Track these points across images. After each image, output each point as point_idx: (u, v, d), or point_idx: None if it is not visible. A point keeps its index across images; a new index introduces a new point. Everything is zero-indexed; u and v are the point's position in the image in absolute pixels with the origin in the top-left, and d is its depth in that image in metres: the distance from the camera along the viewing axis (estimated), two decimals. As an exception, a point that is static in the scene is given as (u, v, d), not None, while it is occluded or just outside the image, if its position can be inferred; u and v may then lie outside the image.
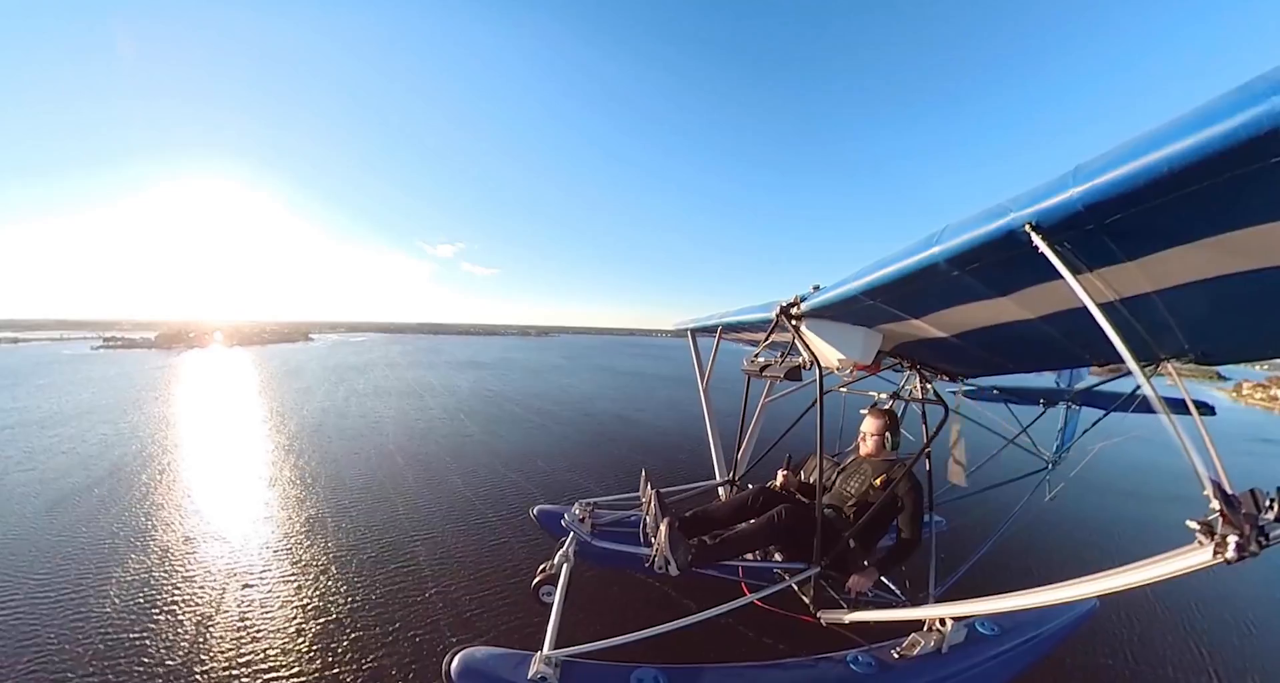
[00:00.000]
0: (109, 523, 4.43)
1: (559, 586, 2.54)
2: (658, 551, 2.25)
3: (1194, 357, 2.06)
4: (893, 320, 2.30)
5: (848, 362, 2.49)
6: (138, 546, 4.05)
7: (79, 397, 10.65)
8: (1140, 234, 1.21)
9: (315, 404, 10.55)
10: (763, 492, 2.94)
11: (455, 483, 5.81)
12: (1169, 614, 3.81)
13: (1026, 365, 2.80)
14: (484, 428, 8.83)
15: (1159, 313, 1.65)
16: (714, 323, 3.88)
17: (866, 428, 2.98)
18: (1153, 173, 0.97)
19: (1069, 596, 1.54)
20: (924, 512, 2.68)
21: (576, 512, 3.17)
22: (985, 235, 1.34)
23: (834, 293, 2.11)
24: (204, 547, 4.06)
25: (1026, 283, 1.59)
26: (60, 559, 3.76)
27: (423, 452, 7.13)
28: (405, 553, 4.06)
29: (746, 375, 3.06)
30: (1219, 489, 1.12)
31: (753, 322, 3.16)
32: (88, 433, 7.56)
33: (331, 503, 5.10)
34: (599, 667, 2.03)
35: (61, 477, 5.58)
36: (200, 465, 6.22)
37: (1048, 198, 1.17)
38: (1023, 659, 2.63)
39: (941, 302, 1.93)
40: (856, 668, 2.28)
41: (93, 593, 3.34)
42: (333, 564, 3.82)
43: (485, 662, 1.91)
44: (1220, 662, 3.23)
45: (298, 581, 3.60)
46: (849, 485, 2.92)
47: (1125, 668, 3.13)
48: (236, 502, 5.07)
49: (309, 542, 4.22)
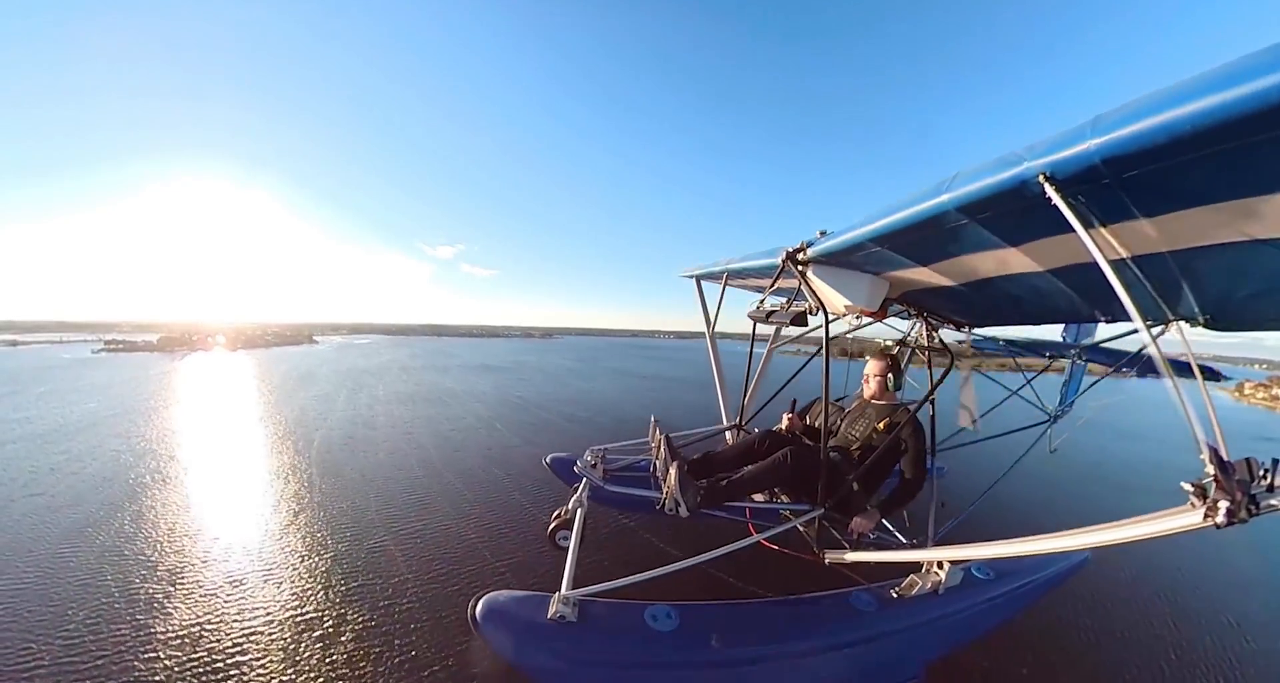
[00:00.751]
0: (138, 563, 3.76)
1: (574, 529, 2.58)
2: (668, 493, 2.30)
3: (1203, 321, 2.03)
4: (900, 267, 2.27)
5: (854, 308, 2.47)
6: (177, 590, 3.41)
7: (84, 406, 9.93)
8: (1158, 191, 1.17)
9: (339, 413, 9.88)
10: (769, 435, 2.98)
11: (518, 501, 5.31)
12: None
13: (1034, 318, 2.77)
14: (524, 438, 8.25)
15: (1171, 273, 1.64)
16: (719, 269, 3.83)
17: (868, 370, 3.02)
18: (1176, 129, 0.93)
19: (1062, 546, 1.58)
20: (926, 456, 2.72)
21: (588, 458, 3.20)
22: (997, 184, 1.30)
23: (841, 238, 2.07)
24: (257, 591, 3.42)
25: (1037, 234, 1.56)
26: (88, 613, 3.11)
27: (471, 466, 6.59)
28: (500, 584, 3.53)
29: (752, 321, 3.07)
30: (1215, 454, 1.13)
31: (758, 267, 3.14)
32: (97, 449, 6.86)
33: (391, 530, 4.49)
34: (614, 604, 2.11)
35: (74, 503, 4.91)
36: (228, 488, 5.51)
37: (1063, 148, 1.13)
38: (1015, 604, 2.73)
39: (950, 250, 1.90)
40: (857, 606, 2.37)
41: (136, 657, 2.76)
42: (417, 611, 3.25)
43: (507, 604, 1.99)
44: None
45: (381, 631, 3.02)
46: (853, 429, 2.95)
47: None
48: (280, 531, 4.39)
49: (376, 578, 3.65)
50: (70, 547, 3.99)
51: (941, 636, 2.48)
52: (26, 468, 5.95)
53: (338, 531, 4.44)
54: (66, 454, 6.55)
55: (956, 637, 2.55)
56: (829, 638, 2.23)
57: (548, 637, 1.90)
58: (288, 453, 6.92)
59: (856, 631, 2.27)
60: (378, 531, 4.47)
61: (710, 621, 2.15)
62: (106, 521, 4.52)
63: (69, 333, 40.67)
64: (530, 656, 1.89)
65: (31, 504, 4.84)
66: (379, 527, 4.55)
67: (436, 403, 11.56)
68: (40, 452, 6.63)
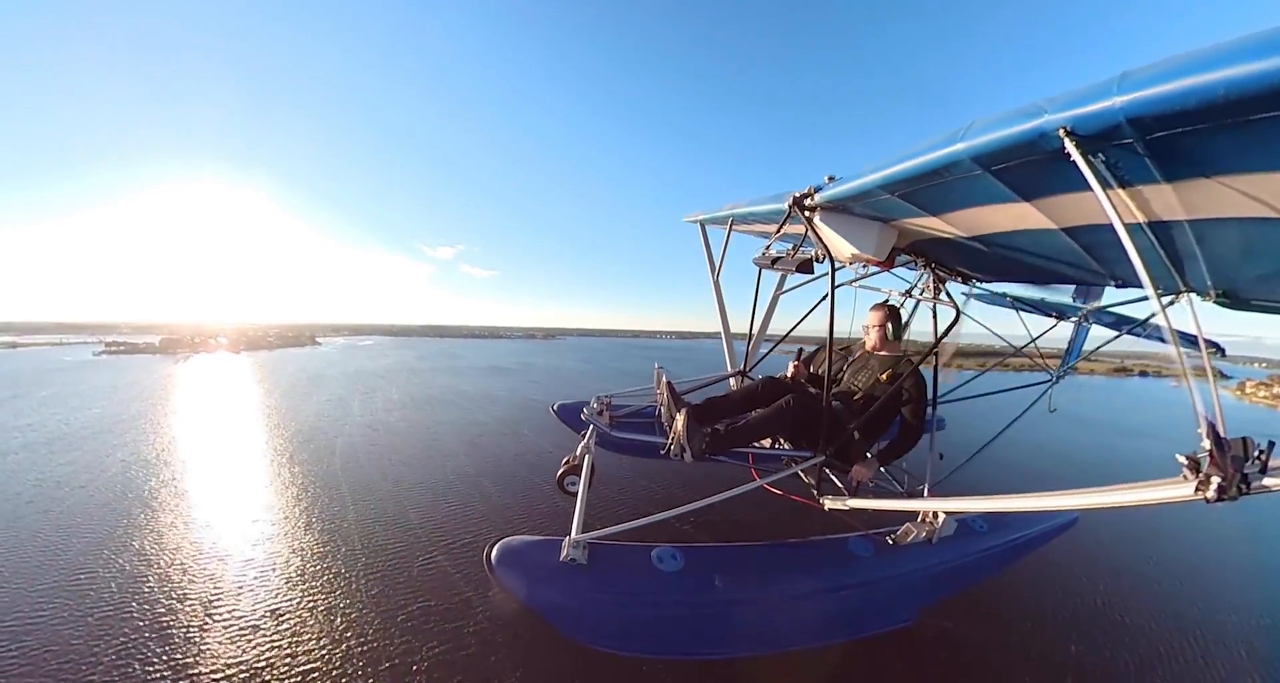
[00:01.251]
0: (165, 591, 3.36)
1: (582, 475, 2.62)
2: (674, 438, 2.33)
3: (1215, 296, 2.00)
4: (910, 216, 2.21)
5: (861, 256, 2.44)
6: (215, 623, 3.05)
7: (88, 411, 9.51)
8: (1183, 157, 1.12)
9: (357, 418, 9.47)
10: (771, 382, 2.99)
11: (567, 510, 4.82)
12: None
13: (1043, 276, 2.73)
14: (554, 443, 7.77)
15: (1188, 243, 1.59)
16: (725, 214, 3.76)
17: (871, 321, 3.03)
18: (1208, 94, 0.88)
19: (1053, 505, 1.60)
20: (926, 408, 2.73)
21: (594, 405, 3.22)
22: (1014, 136, 1.26)
23: (850, 185, 2.03)
24: (304, 624, 3.06)
25: (1053, 191, 1.51)
26: (116, 654, 2.75)
27: (507, 473, 6.17)
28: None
29: (757, 267, 3.04)
30: (1212, 429, 1.12)
31: (765, 213, 3.09)
32: (106, 459, 6.45)
33: (440, 544, 4.15)
34: (622, 547, 2.16)
35: (86, 521, 4.50)
36: (252, 502, 5.09)
37: (1087, 103, 1.07)
38: (1006, 558, 2.83)
39: (962, 201, 1.85)
40: (855, 551, 2.44)
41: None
42: (489, 632, 2.96)
43: (520, 548, 2.04)
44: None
45: (462, 660, 2.71)
46: (857, 379, 2.97)
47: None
48: (318, 552, 3.99)
49: (438, 601, 3.27)
50: (86, 574, 3.60)
51: (935, 582, 2.54)
52: (31, 481, 5.54)
53: (383, 550, 4.05)
54: (73, 465, 6.14)
55: (949, 584, 2.61)
56: (827, 581, 2.29)
57: (559, 579, 1.97)
58: (311, 462, 6.51)
59: (853, 575, 2.33)
60: (425, 546, 4.16)
61: (713, 562, 2.20)
62: (124, 542, 4.11)
63: (69, 334, 40.13)
64: (542, 597, 1.95)
65: (39, 523, 4.43)
66: (426, 542, 4.24)
67: (454, 407, 11.18)
68: (45, 462, 6.22)
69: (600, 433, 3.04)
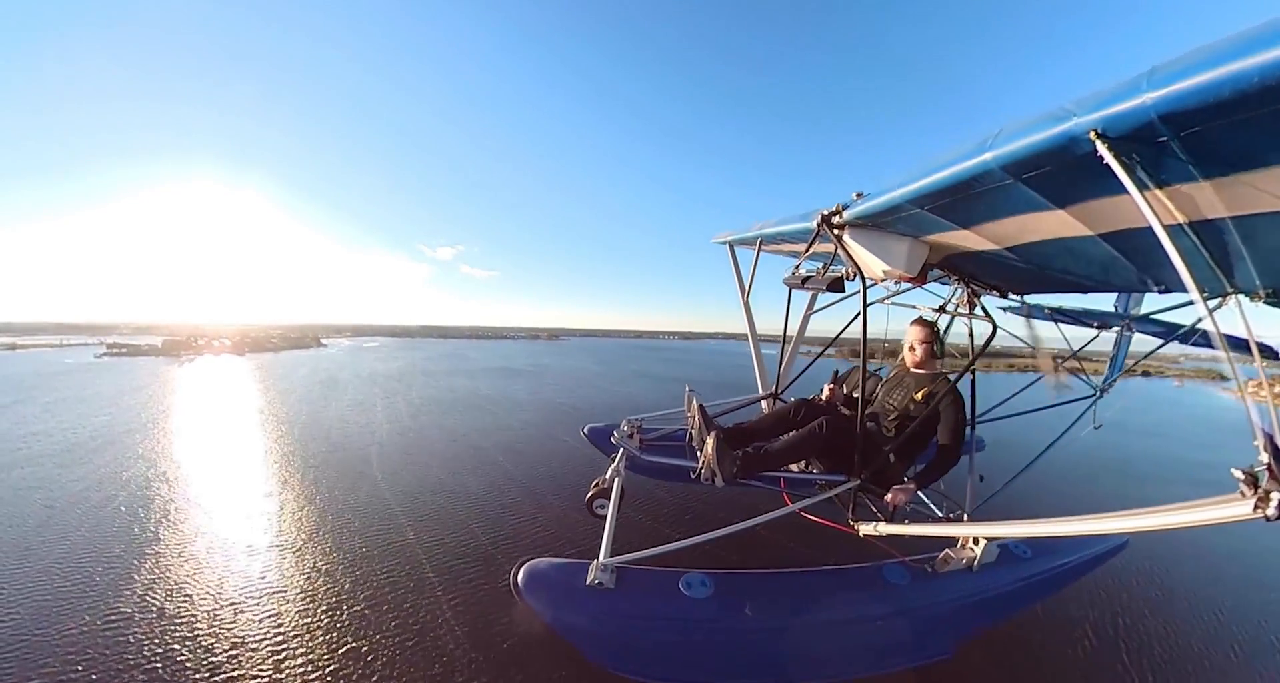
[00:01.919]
0: (221, 637, 2.90)
1: (611, 498, 2.59)
2: (704, 462, 2.30)
3: (1264, 295, 1.92)
4: (940, 230, 2.15)
5: (893, 273, 2.39)
6: (287, 679, 2.52)
7: (96, 418, 8.94)
8: (1221, 151, 1.07)
9: (384, 424, 8.95)
10: (804, 404, 2.92)
11: (643, 523, 4.48)
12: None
13: (1081, 286, 2.66)
14: (597, 452, 7.29)
15: (1233, 242, 1.52)
16: (753, 235, 3.73)
17: (913, 337, 2.91)
18: (1243, 82, 0.83)
19: (1101, 529, 1.51)
20: (964, 428, 2.66)
21: (625, 428, 3.20)
22: (1044, 141, 1.22)
23: (878, 201, 1.99)
24: (389, 668, 2.57)
25: (1087, 196, 1.46)
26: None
27: (564, 483, 5.83)
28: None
29: (788, 287, 3.00)
30: (1270, 441, 1.06)
31: (793, 232, 3.07)
32: (120, 473, 5.88)
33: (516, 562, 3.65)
34: (650, 572, 2.12)
35: (108, 549, 3.95)
36: (297, 523, 4.51)
37: (1117, 103, 1.03)
38: (1052, 585, 2.66)
39: (993, 212, 1.79)
40: (890, 578, 2.34)
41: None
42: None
43: (548, 571, 2.03)
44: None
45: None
46: (891, 398, 2.88)
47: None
48: (385, 582, 3.52)
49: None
50: (120, 616, 3.06)
51: (975, 612, 2.42)
52: (41, 501, 4.98)
53: (460, 579, 3.60)
54: (85, 482, 5.58)
55: (991, 614, 2.48)
56: (860, 610, 2.21)
57: (586, 602, 1.94)
58: (349, 475, 6.00)
59: (888, 603, 2.25)
60: (505, 566, 3.72)
61: (744, 589, 2.14)
62: (159, 576, 3.56)
63: (68, 335, 39.49)
64: (569, 620, 1.93)
65: (54, 553, 3.88)
66: (504, 561, 3.84)
67: (480, 410, 10.70)
68: (54, 479, 5.67)
69: (630, 456, 3.00)
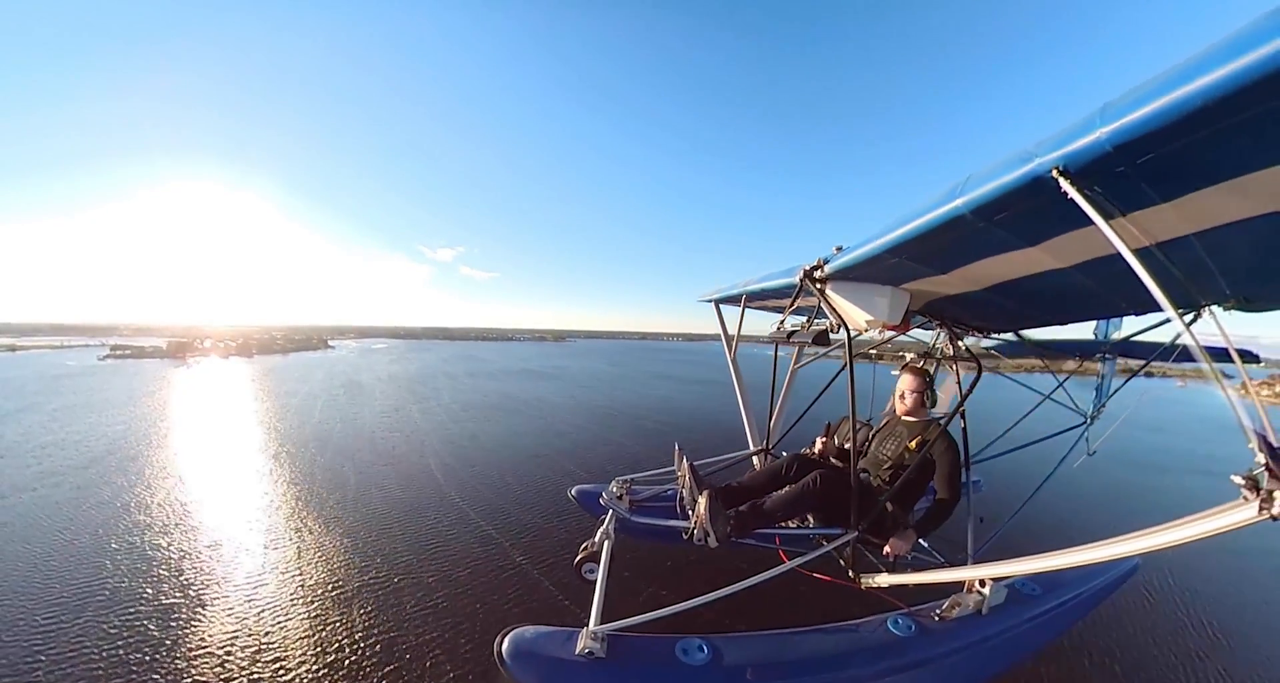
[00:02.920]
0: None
1: (601, 562, 2.55)
2: (697, 523, 2.24)
3: (1236, 303, 1.98)
4: (920, 277, 2.21)
5: (876, 323, 2.41)
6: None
7: (109, 428, 8.12)
8: (1175, 174, 1.13)
9: (430, 432, 8.27)
10: (797, 459, 2.90)
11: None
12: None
13: (1061, 318, 2.68)
14: (663, 452, 6.73)
15: (1198, 256, 1.57)
16: (737, 292, 3.81)
17: (905, 386, 2.90)
18: (1185, 107, 0.89)
19: (1110, 554, 1.50)
20: (961, 471, 2.63)
21: (614, 489, 3.14)
22: (1011, 183, 1.26)
23: (857, 253, 2.02)
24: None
25: (1057, 231, 1.51)
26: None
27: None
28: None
29: (774, 342, 3.03)
30: (1264, 442, 1.07)
31: (776, 288, 3.08)
32: (151, 496, 5.07)
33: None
34: (644, 639, 2.06)
35: (156, 600, 3.16)
36: (382, 557, 3.80)
37: (1074, 140, 1.09)
38: (1065, 619, 2.61)
39: (969, 255, 1.85)
40: (897, 631, 2.28)
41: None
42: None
43: (534, 640, 1.95)
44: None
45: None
46: (884, 448, 2.87)
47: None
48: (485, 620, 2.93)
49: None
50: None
51: (988, 657, 2.35)
52: (61, 531, 4.16)
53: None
54: (110, 507, 4.76)
55: (1005, 658, 2.40)
56: (868, 667, 2.13)
57: (576, 674, 1.86)
58: (420, 493, 5.32)
59: (897, 657, 2.18)
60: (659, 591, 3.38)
61: (744, 653, 2.08)
62: (228, 642, 2.76)
63: (68, 337, 38.66)
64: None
65: (90, 607, 3.07)
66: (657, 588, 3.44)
67: (523, 415, 10.02)
68: (74, 503, 4.85)
69: (620, 518, 2.92)
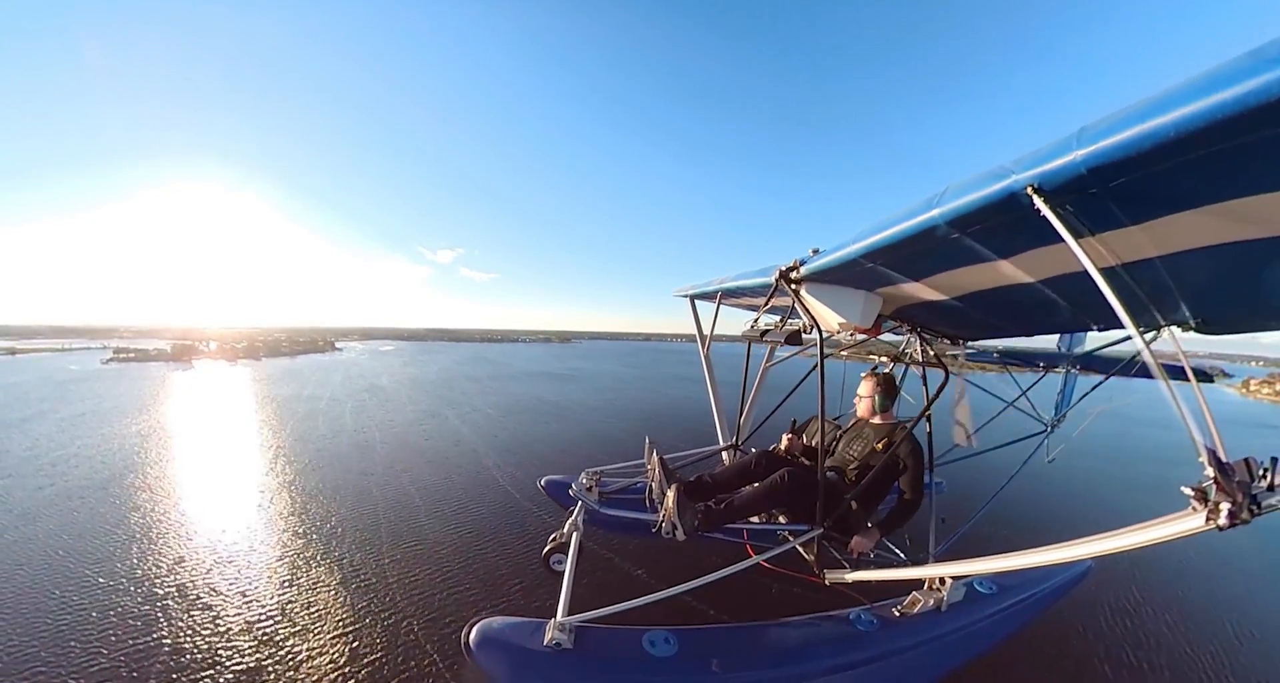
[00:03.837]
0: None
1: (569, 554, 2.60)
2: (665, 516, 2.27)
3: (1195, 324, 2.02)
4: (892, 283, 2.24)
5: (848, 325, 2.46)
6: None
7: (124, 440, 7.22)
8: (1145, 198, 1.17)
9: (481, 437, 7.77)
10: (765, 456, 2.93)
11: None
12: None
13: (1027, 329, 2.75)
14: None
15: (1161, 278, 1.62)
16: (713, 289, 3.81)
17: (860, 391, 3.04)
18: (1159, 137, 0.92)
19: (1065, 557, 1.54)
20: (925, 473, 2.69)
21: (584, 481, 3.14)
22: (986, 197, 1.30)
23: (833, 256, 2.06)
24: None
25: (1027, 246, 1.55)
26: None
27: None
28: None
29: (747, 340, 3.05)
30: (1213, 456, 1.11)
31: (752, 286, 3.12)
32: (183, 525, 4.35)
33: None
34: (611, 631, 2.08)
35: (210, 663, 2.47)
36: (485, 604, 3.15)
37: (1051, 160, 1.12)
38: (1020, 617, 2.68)
39: (941, 264, 1.88)
40: (859, 625, 2.33)
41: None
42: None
43: (502, 631, 1.95)
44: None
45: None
46: (851, 449, 2.93)
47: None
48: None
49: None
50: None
51: (946, 652, 2.40)
52: (91, 563, 3.46)
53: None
54: (144, 536, 4.05)
55: (962, 653, 2.46)
56: (831, 659, 2.17)
57: (543, 665, 1.86)
58: (508, 511, 4.59)
59: (859, 651, 2.22)
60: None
61: (710, 645, 2.11)
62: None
63: (69, 339, 37.86)
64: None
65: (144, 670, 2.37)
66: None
67: (565, 420, 9.56)
68: (97, 532, 4.11)
69: (589, 510, 2.96)
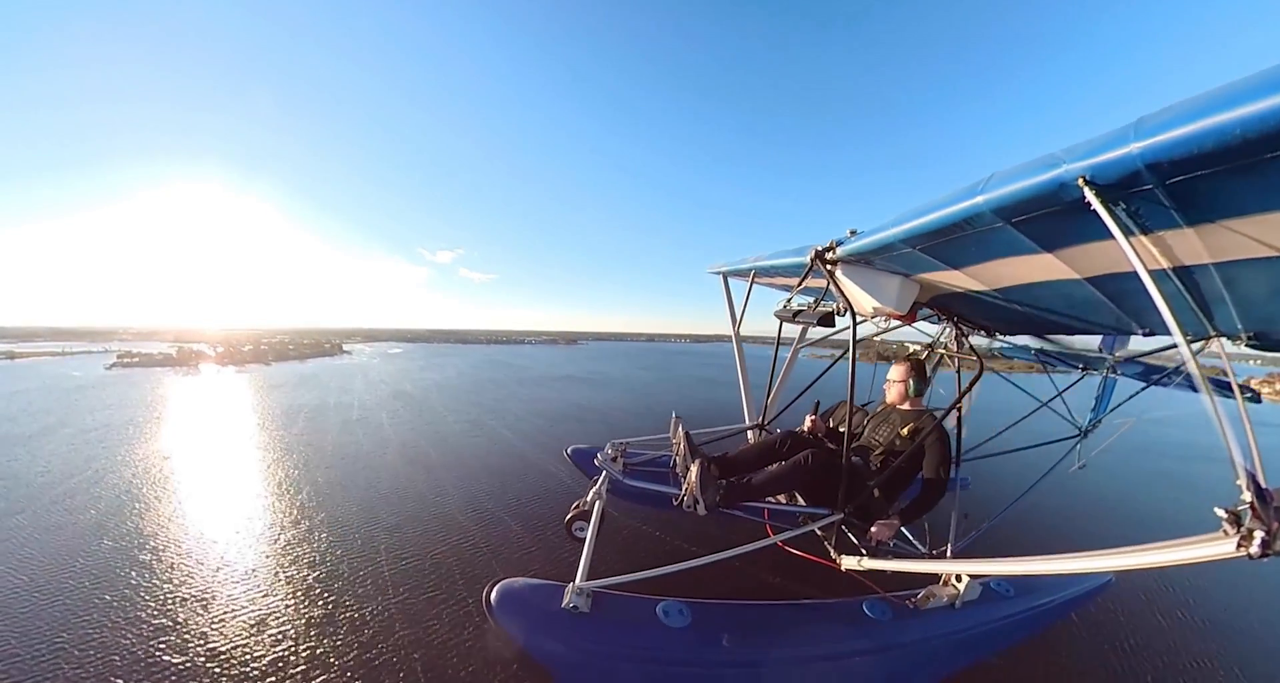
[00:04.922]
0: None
1: (591, 521, 2.65)
2: (687, 490, 2.30)
3: (1245, 338, 1.98)
4: (931, 270, 2.22)
5: (883, 310, 2.45)
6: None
7: (148, 461, 6.37)
8: (1205, 200, 1.11)
9: (540, 453, 6.90)
10: (790, 436, 2.96)
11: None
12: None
13: (1067, 328, 2.72)
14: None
15: (1215, 287, 1.58)
16: (747, 267, 3.79)
17: (891, 375, 3.04)
18: (1225, 134, 0.87)
19: (1085, 567, 1.53)
20: (949, 465, 2.69)
21: (609, 451, 3.20)
22: (1034, 187, 1.26)
23: (871, 238, 2.05)
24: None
25: (1074, 241, 1.52)
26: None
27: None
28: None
29: (778, 320, 3.09)
30: (1252, 480, 1.08)
31: (787, 266, 3.12)
32: (252, 584, 3.58)
33: None
34: (627, 598, 2.14)
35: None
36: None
37: (1105, 151, 1.07)
38: (1034, 623, 2.66)
39: (983, 254, 1.86)
40: (871, 614, 2.35)
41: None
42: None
43: (522, 592, 2.03)
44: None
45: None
46: (877, 434, 2.95)
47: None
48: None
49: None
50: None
51: (956, 650, 2.41)
52: (136, 645, 2.73)
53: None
54: (202, 610, 3.30)
55: (972, 652, 2.47)
56: (840, 645, 2.20)
57: (559, 626, 1.94)
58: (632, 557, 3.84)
59: (869, 639, 2.24)
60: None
61: (722, 620, 2.16)
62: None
63: (69, 341, 36.89)
64: (541, 644, 1.93)
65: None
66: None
67: (616, 429, 9.24)
68: (145, 587, 3.36)
69: (613, 480, 2.98)
